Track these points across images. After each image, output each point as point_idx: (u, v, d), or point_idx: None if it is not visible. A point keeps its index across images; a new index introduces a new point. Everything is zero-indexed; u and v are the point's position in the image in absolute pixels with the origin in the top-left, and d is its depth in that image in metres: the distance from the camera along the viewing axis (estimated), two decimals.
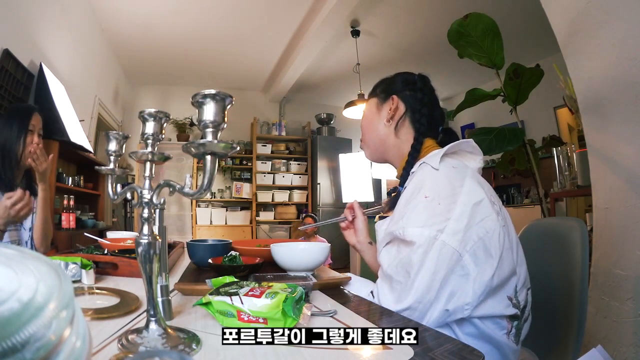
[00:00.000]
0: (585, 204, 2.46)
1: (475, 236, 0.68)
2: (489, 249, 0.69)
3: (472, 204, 0.70)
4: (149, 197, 0.48)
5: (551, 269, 0.94)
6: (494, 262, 0.68)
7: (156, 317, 0.46)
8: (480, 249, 0.68)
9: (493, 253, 0.69)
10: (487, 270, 0.68)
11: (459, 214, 0.69)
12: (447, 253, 0.67)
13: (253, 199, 5.29)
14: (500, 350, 0.71)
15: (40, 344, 0.18)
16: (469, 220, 0.69)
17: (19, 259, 0.24)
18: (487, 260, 0.68)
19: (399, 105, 0.89)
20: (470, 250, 0.68)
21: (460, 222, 0.68)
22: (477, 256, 0.68)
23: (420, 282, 0.68)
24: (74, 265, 0.81)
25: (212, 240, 1.14)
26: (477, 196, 0.71)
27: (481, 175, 0.82)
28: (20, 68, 2.12)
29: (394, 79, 0.94)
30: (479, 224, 0.69)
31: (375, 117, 0.92)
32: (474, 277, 0.67)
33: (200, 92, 0.42)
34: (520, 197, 4.51)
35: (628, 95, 1.18)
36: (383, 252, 0.78)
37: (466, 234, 0.68)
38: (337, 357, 0.44)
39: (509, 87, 1.93)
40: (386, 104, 0.90)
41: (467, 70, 4.12)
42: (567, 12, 1.39)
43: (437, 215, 0.69)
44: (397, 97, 0.89)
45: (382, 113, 0.90)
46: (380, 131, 0.90)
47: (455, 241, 0.67)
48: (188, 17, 3.53)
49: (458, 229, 0.68)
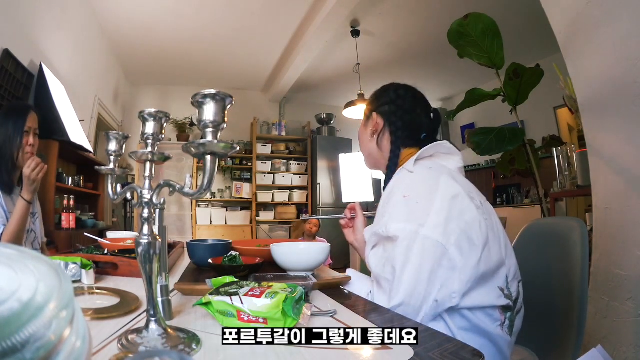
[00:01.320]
0: (585, 204, 2.45)
1: (457, 229, 0.71)
2: (473, 239, 0.72)
3: (450, 198, 0.73)
4: (149, 197, 0.48)
5: (551, 269, 0.94)
6: (478, 250, 0.71)
7: (156, 317, 0.46)
8: (464, 240, 0.71)
9: (477, 242, 0.72)
10: (472, 258, 0.70)
11: (438, 209, 0.72)
12: (431, 246, 0.70)
13: (253, 199, 5.29)
14: (494, 343, 0.73)
15: (40, 344, 0.18)
16: (448, 213, 0.72)
17: (19, 259, 0.24)
18: (471, 249, 0.71)
19: (378, 121, 0.94)
20: (455, 243, 0.70)
21: (440, 216, 0.71)
22: (462, 248, 0.71)
23: (407, 276, 0.70)
24: (74, 265, 0.81)
25: (212, 240, 1.14)
26: (454, 190, 0.75)
27: (465, 173, 0.87)
28: (20, 68, 2.12)
29: (375, 95, 0.99)
30: (459, 218, 0.72)
31: (363, 132, 0.99)
32: (461, 267, 0.70)
33: (200, 92, 0.42)
34: (520, 197, 4.51)
35: (628, 95, 1.18)
36: (371, 255, 0.81)
37: (447, 227, 0.71)
38: (337, 357, 0.44)
39: (509, 87, 1.93)
40: (370, 120, 0.96)
41: (467, 70, 4.12)
42: (567, 12, 1.39)
43: (417, 212, 0.73)
44: (375, 114, 0.95)
45: (368, 129, 0.97)
46: (368, 145, 0.97)
47: (437, 234, 0.70)
48: (188, 17, 3.53)
49: (438, 222, 0.71)
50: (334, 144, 5.47)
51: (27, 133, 1.34)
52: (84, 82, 3.33)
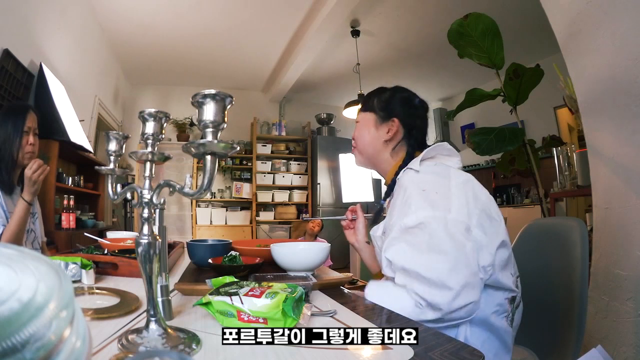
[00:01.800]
0: (585, 204, 2.46)
1: (476, 209, 0.75)
2: (492, 215, 0.77)
3: (462, 184, 0.78)
4: (149, 197, 0.48)
5: (551, 269, 0.94)
6: (499, 224, 0.77)
7: (156, 317, 0.46)
8: (485, 218, 0.75)
9: (496, 216, 0.77)
10: (495, 231, 0.75)
11: (457, 194, 0.76)
12: (462, 227, 0.72)
13: (253, 199, 5.29)
14: (498, 336, 0.74)
15: (40, 344, 0.18)
16: (466, 196, 0.76)
17: (19, 259, 0.24)
18: (492, 224, 0.76)
19: (399, 129, 0.92)
20: (476, 223, 0.74)
21: (460, 199, 0.75)
22: (484, 226, 0.75)
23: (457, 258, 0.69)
24: (74, 265, 0.81)
25: (212, 240, 1.14)
26: (464, 177, 0.80)
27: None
28: (20, 68, 2.12)
29: (393, 97, 0.95)
30: (475, 199, 0.76)
31: (373, 133, 0.94)
32: (486, 243, 0.73)
33: (200, 92, 0.42)
34: (520, 197, 4.51)
35: (628, 95, 1.18)
36: (392, 253, 0.75)
37: (469, 208, 0.75)
38: (337, 357, 0.44)
39: (509, 87, 1.93)
40: (385, 124, 0.93)
41: (467, 70, 4.12)
42: (567, 12, 1.39)
43: (439, 201, 0.75)
44: (398, 121, 0.92)
45: (381, 132, 0.93)
46: (377, 147, 0.94)
47: (463, 215, 0.73)
48: (188, 17, 3.53)
49: (461, 204, 0.74)
50: (334, 144, 5.47)
51: (27, 133, 1.34)
52: (84, 82, 3.33)
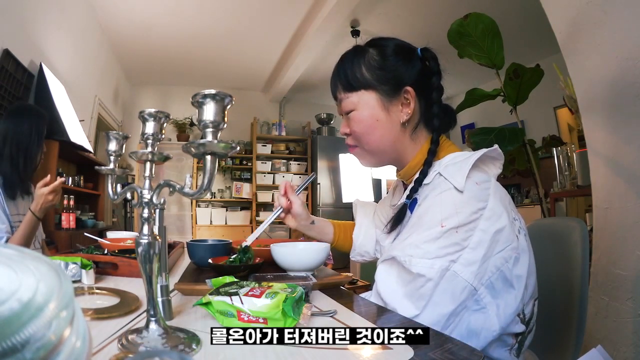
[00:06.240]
0: (585, 204, 2.45)
1: (493, 267, 0.60)
2: (510, 279, 0.61)
3: (493, 233, 0.60)
4: (149, 197, 0.48)
5: (551, 269, 0.94)
6: (517, 292, 0.61)
7: (156, 317, 0.46)
8: (499, 280, 0.60)
9: (515, 283, 0.61)
10: (510, 302, 0.61)
11: (477, 243, 0.60)
12: (459, 286, 0.59)
13: (253, 199, 5.29)
14: None
15: (40, 344, 0.18)
16: (487, 250, 0.60)
17: (19, 259, 0.24)
18: (507, 290, 0.61)
19: (412, 100, 0.70)
20: (486, 282, 0.60)
21: (477, 252, 0.59)
22: (495, 288, 0.60)
23: (425, 317, 0.60)
24: (74, 265, 0.80)
25: (212, 240, 1.14)
26: (500, 223, 0.61)
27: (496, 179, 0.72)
28: (20, 68, 2.12)
29: (389, 55, 0.71)
30: (498, 254, 0.60)
31: (384, 119, 0.71)
32: (496, 312, 0.60)
33: (200, 92, 0.42)
34: (520, 197, 4.51)
35: (628, 95, 1.18)
36: (381, 270, 0.69)
37: (482, 266, 0.59)
38: (337, 357, 0.44)
39: (509, 87, 1.93)
40: (396, 99, 0.70)
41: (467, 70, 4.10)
42: (567, 12, 1.39)
43: (452, 245, 0.60)
44: (412, 91, 0.69)
45: (393, 113, 0.71)
46: (395, 137, 0.72)
47: (469, 273, 0.59)
48: (188, 17, 3.53)
49: (474, 259, 0.59)
50: (334, 144, 5.47)
51: None
52: (84, 82, 3.33)
